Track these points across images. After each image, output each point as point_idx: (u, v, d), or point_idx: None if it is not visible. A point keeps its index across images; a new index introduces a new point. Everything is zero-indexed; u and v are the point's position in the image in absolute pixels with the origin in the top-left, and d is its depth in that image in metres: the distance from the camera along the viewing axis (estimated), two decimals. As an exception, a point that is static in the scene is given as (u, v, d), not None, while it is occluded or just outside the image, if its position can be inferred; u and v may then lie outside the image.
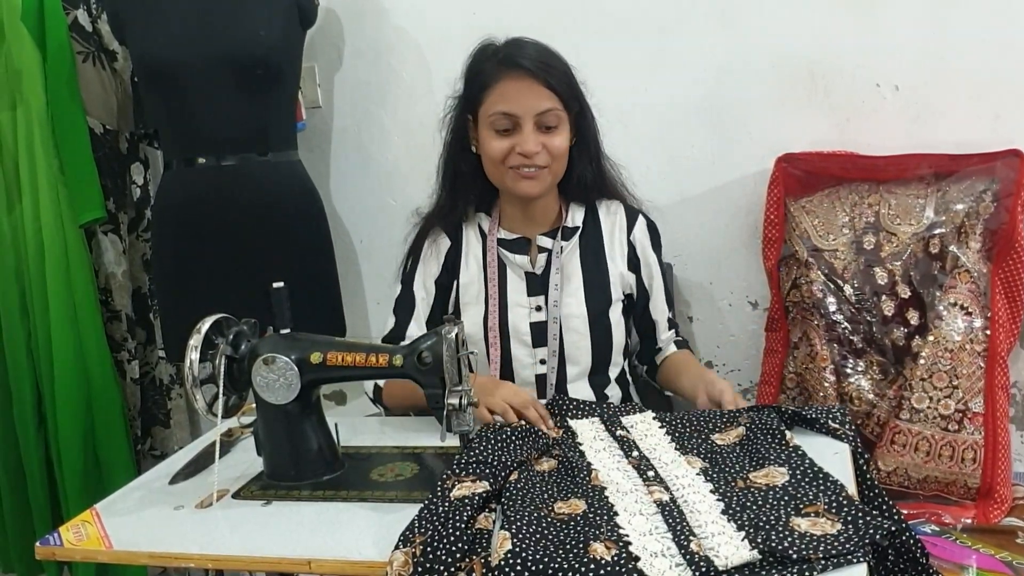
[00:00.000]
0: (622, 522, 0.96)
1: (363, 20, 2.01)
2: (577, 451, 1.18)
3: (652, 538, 0.93)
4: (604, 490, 1.05)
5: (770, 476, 1.05)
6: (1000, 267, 1.62)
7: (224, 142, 1.78)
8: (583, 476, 1.09)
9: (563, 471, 1.12)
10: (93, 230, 2.03)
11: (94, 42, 1.97)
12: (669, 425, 1.25)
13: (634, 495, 1.03)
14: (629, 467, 1.12)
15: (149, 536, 1.08)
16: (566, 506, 1.03)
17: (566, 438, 1.23)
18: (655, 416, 1.29)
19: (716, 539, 0.91)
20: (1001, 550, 1.43)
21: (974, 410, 1.58)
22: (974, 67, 1.65)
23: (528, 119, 1.39)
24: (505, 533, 0.93)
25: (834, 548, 0.86)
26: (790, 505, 0.97)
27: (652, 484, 1.04)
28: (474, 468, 1.09)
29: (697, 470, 1.09)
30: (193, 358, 1.14)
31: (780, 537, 0.89)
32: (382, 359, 1.17)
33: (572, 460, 1.14)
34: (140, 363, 2.14)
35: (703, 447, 1.16)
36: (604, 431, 1.25)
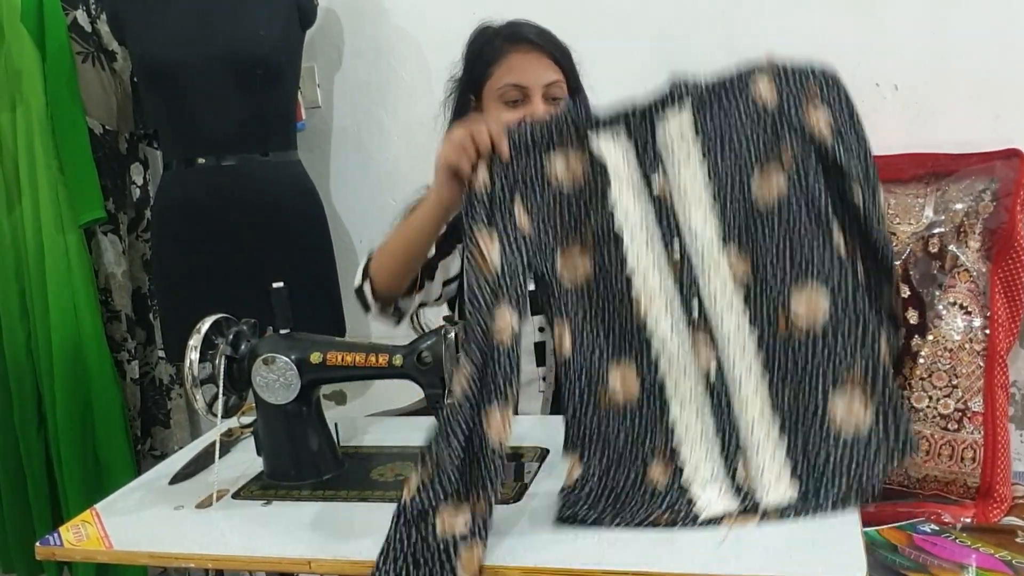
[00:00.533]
0: (673, 422, 1.01)
1: (363, 20, 2.01)
2: (613, 237, 1.06)
3: (702, 454, 1.00)
4: (651, 345, 1.03)
5: (811, 310, 0.99)
6: (999, 266, 1.62)
7: (224, 142, 1.78)
8: (625, 304, 1.04)
9: (601, 286, 1.06)
10: (93, 230, 2.03)
11: (93, 42, 1.97)
12: (710, 151, 1.06)
13: (680, 363, 1.03)
14: (671, 285, 1.04)
15: (149, 536, 1.08)
16: (619, 379, 1.04)
17: (595, 189, 1.07)
18: (693, 122, 1.08)
19: (764, 470, 0.97)
20: (1001, 549, 1.43)
21: (973, 409, 1.58)
22: (974, 67, 1.65)
23: (537, 90, 1.40)
24: (575, 458, 1.02)
25: (863, 460, 0.95)
26: (829, 375, 0.98)
27: (698, 332, 1.02)
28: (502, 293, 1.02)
29: (741, 294, 1.03)
30: (193, 358, 1.14)
31: (817, 445, 0.96)
32: (382, 359, 1.17)
33: (610, 265, 1.05)
34: (140, 363, 2.14)
35: (743, 212, 1.04)
36: (636, 166, 1.08)
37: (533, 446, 1.24)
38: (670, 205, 1.06)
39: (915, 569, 1.40)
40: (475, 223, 1.05)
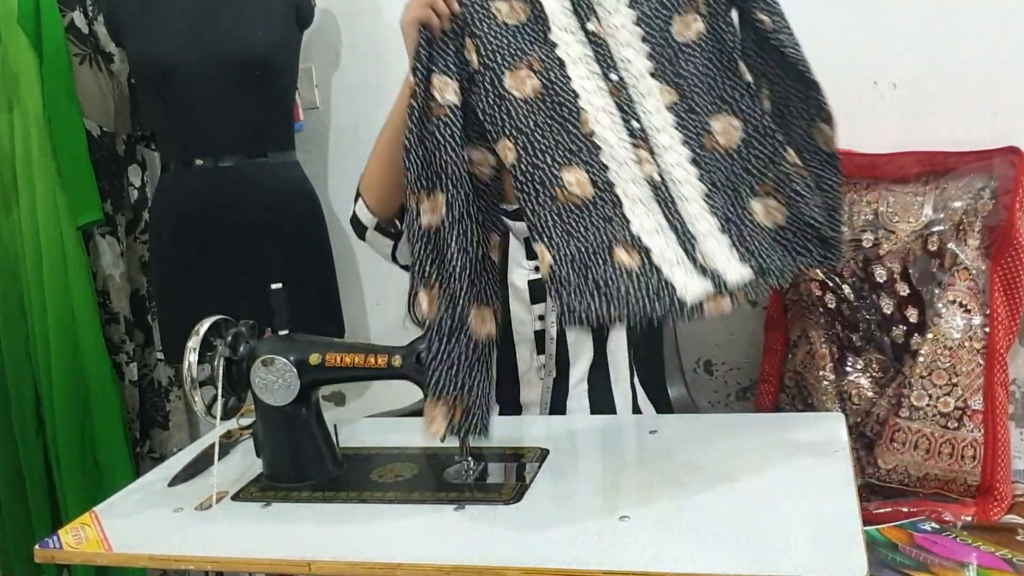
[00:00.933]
0: (629, 214, 1.13)
1: (360, 20, 2.01)
2: (557, 61, 1.20)
3: (663, 242, 1.11)
4: (599, 151, 1.16)
5: (727, 133, 1.20)
6: (999, 264, 1.62)
7: (222, 143, 1.78)
8: (572, 115, 1.17)
9: (549, 100, 1.18)
10: (91, 232, 2.03)
11: (91, 44, 1.97)
12: (636, 1, 1.24)
13: (628, 169, 1.16)
14: (612, 105, 1.19)
15: (148, 538, 1.08)
16: (573, 179, 1.15)
17: (536, 29, 1.22)
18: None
19: (715, 254, 1.11)
20: (1001, 547, 1.44)
21: (973, 407, 1.58)
22: (972, 64, 1.65)
23: None
24: (543, 247, 1.09)
25: (788, 244, 1.15)
26: (746, 183, 1.18)
27: (639, 145, 1.17)
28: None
29: (672, 117, 1.20)
30: (191, 360, 1.14)
31: (751, 237, 1.14)
32: (381, 360, 1.17)
33: (555, 81, 1.19)
34: (139, 365, 2.14)
35: (668, 52, 1.23)
36: (572, 14, 1.23)
37: (533, 446, 1.24)
38: (604, 45, 1.22)
39: (916, 568, 1.40)
40: (435, 70, 1.19)
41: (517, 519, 1.03)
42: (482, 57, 1.21)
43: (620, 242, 1.11)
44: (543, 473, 1.16)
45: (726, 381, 1.94)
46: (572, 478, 1.14)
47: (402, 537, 1.02)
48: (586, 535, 0.97)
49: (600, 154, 1.17)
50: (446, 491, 1.13)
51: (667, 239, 1.12)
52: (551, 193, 1.16)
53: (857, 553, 0.88)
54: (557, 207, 1.15)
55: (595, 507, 1.05)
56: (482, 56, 1.21)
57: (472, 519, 1.05)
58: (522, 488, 1.10)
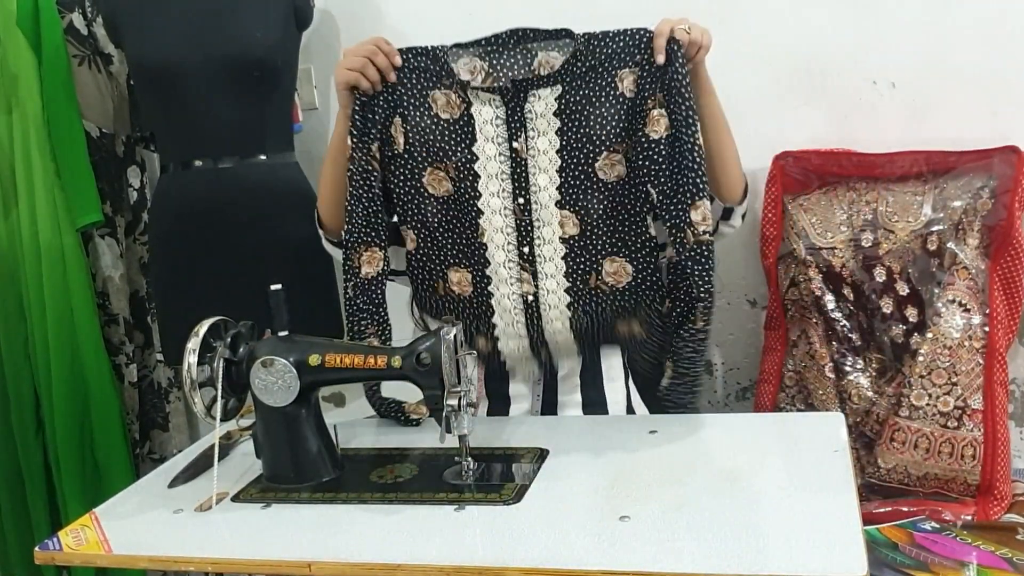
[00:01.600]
0: (496, 320, 1.37)
1: (359, 21, 2.01)
2: (472, 174, 1.33)
3: (515, 347, 1.38)
4: (487, 265, 1.35)
5: (618, 275, 1.36)
6: (998, 264, 1.62)
7: (221, 144, 1.77)
8: (472, 226, 1.35)
9: (456, 205, 1.35)
10: (90, 234, 2.03)
11: (90, 45, 1.97)
12: (565, 129, 1.33)
13: (507, 287, 1.36)
14: (512, 227, 1.34)
15: (148, 540, 1.08)
16: (456, 279, 1.38)
17: (464, 134, 1.33)
18: (557, 102, 1.34)
19: (558, 354, 1.39)
20: (1001, 546, 1.44)
21: (973, 407, 1.58)
22: (971, 64, 1.65)
23: None
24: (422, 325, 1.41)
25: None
26: (619, 317, 1.38)
27: (525, 268, 1.35)
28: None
29: (565, 248, 1.34)
30: (191, 361, 1.14)
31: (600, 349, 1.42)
32: (380, 360, 1.17)
33: (465, 192, 1.34)
34: (138, 366, 2.14)
35: (582, 184, 1.33)
36: (504, 127, 1.33)
37: (532, 447, 1.24)
38: (524, 164, 1.33)
39: (916, 567, 1.40)
40: (371, 136, 1.35)
41: (517, 519, 1.03)
42: (408, 145, 1.34)
43: (480, 334, 1.38)
44: (543, 473, 1.16)
45: (726, 381, 1.94)
46: (571, 478, 1.14)
47: (402, 538, 1.02)
48: (586, 535, 0.97)
49: (487, 267, 1.35)
50: (446, 492, 1.13)
51: (520, 348, 1.38)
52: (434, 285, 1.39)
53: (857, 553, 0.88)
54: (437, 298, 1.40)
55: (595, 507, 1.05)
56: (409, 143, 1.34)
57: (472, 520, 1.05)
58: (522, 488, 1.10)
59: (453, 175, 1.33)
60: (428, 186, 1.33)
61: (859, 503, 1.01)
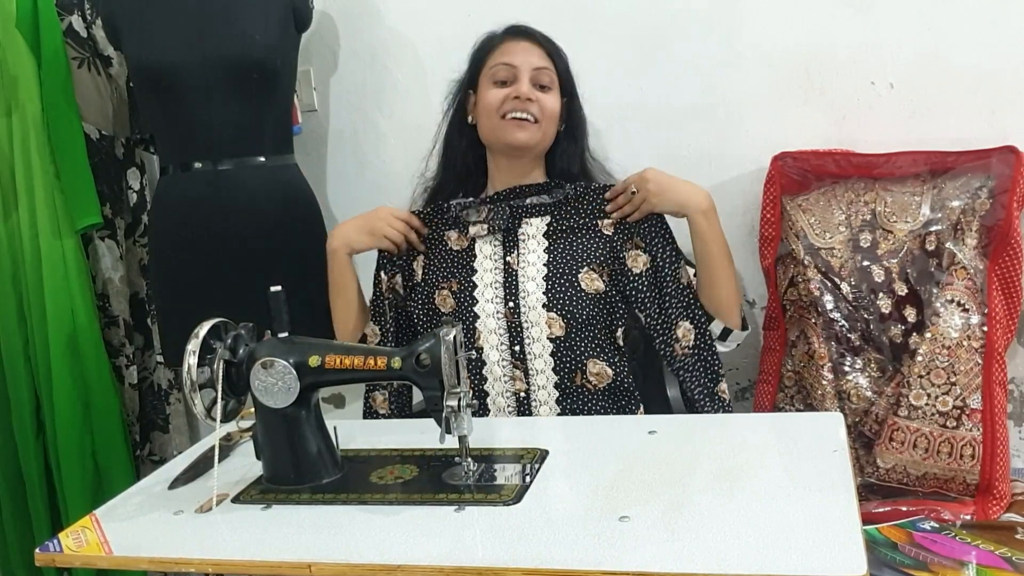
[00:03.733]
0: (490, 415, 1.47)
1: (358, 23, 2.01)
2: (471, 285, 1.51)
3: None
4: (483, 366, 1.48)
5: (600, 376, 1.48)
6: (996, 263, 1.62)
7: (220, 146, 1.78)
8: (469, 335, 1.49)
9: (457, 317, 1.50)
10: (90, 236, 2.03)
11: (89, 48, 1.97)
12: (552, 249, 1.52)
13: (500, 384, 1.48)
14: (504, 327, 1.49)
15: (149, 541, 1.08)
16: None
17: (467, 258, 1.54)
18: (546, 229, 1.53)
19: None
20: (1001, 546, 1.44)
21: (972, 406, 1.58)
22: (969, 64, 1.66)
23: (525, 71, 1.52)
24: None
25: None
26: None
27: (517, 366, 1.48)
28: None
29: (551, 346, 1.47)
30: (191, 363, 1.14)
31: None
32: (380, 362, 1.17)
33: (464, 303, 1.51)
34: (138, 368, 2.14)
35: (568, 293, 1.48)
36: (500, 247, 1.53)
37: (533, 447, 1.24)
38: (515, 275, 1.51)
39: (915, 567, 1.40)
40: (394, 270, 1.61)
41: (517, 520, 1.03)
42: (426, 274, 1.56)
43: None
44: (543, 474, 1.16)
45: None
46: (572, 479, 1.14)
47: (402, 539, 1.02)
48: (586, 535, 0.98)
49: (483, 368, 1.49)
50: (446, 492, 1.13)
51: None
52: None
53: (856, 553, 0.88)
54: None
55: (595, 507, 1.05)
56: (426, 274, 1.56)
57: (472, 520, 1.05)
58: (522, 489, 1.10)
59: (456, 290, 1.52)
60: (439, 305, 1.52)
61: (858, 503, 1.01)
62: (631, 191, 1.50)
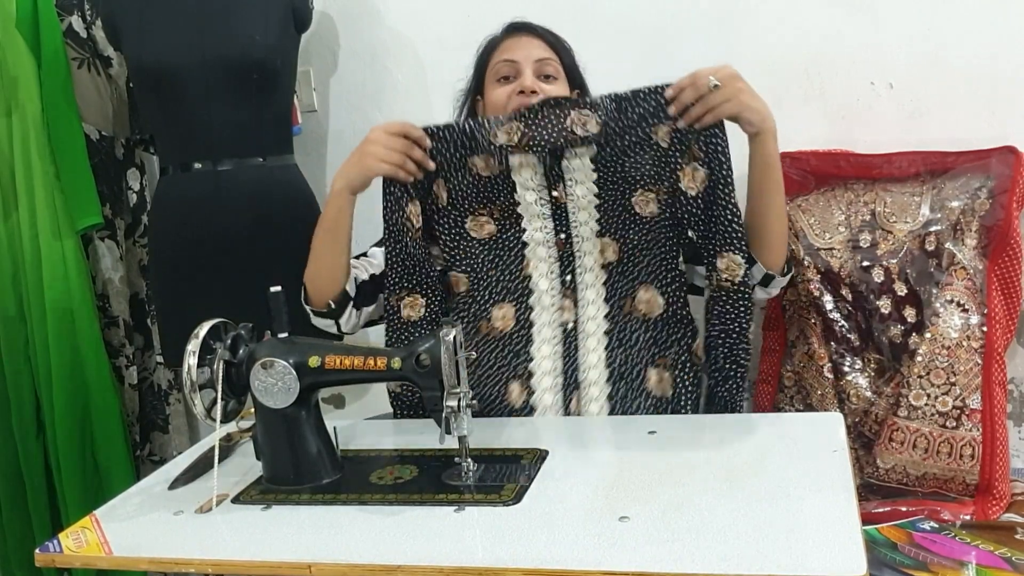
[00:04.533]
0: (534, 352, 1.40)
1: (358, 23, 2.01)
2: (515, 215, 1.42)
3: (548, 387, 1.39)
4: (530, 294, 1.41)
5: (651, 304, 1.41)
6: (996, 263, 1.62)
7: (220, 147, 1.78)
8: (517, 260, 1.42)
9: (501, 243, 1.43)
10: (90, 236, 2.03)
11: (89, 48, 1.97)
12: (602, 178, 1.39)
13: (548, 313, 1.41)
14: (554, 257, 1.41)
15: (149, 541, 1.08)
16: (500, 315, 1.43)
17: (505, 185, 1.41)
18: (592, 159, 1.39)
19: (590, 403, 1.38)
20: (1000, 546, 1.44)
21: (972, 406, 1.58)
22: (968, 64, 1.66)
23: (527, 64, 1.49)
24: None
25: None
26: (651, 352, 1.40)
27: (566, 296, 1.40)
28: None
29: (604, 274, 1.41)
30: (191, 363, 1.14)
31: (630, 398, 1.39)
32: (380, 362, 1.17)
33: (510, 230, 1.43)
34: (138, 369, 2.14)
35: (621, 217, 1.40)
36: (542, 179, 1.41)
37: (532, 448, 1.24)
38: (563, 208, 1.41)
39: (915, 567, 1.40)
40: (408, 197, 1.43)
41: (517, 520, 1.03)
42: (452, 198, 1.43)
43: (516, 377, 1.40)
44: (542, 474, 1.16)
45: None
46: (571, 479, 1.15)
47: (402, 539, 1.02)
48: (586, 535, 0.98)
49: (530, 298, 1.41)
50: (446, 493, 1.13)
51: (553, 384, 1.39)
52: (477, 326, 1.44)
53: (856, 553, 0.88)
54: (478, 339, 1.43)
55: (595, 507, 1.05)
56: (452, 197, 1.43)
57: (472, 521, 1.05)
58: (521, 489, 1.11)
59: (497, 217, 1.43)
60: (471, 231, 1.43)
61: (858, 503, 1.01)
62: (711, 85, 1.30)
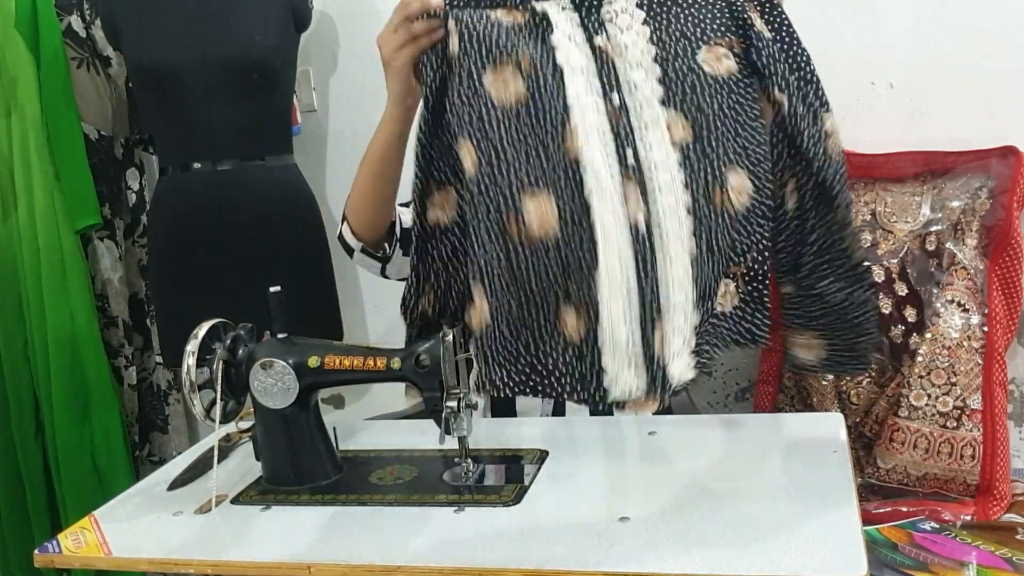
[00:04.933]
0: (597, 268, 0.94)
1: (357, 23, 2.01)
2: (552, 66, 1.01)
3: (621, 313, 0.95)
4: (583, 178, 0.96)
5: (740, 188, 1.03)
6: (996, 263, 1.62)
7: (220, 147, 1.78)
8: (557, 132, 0.98)
9: (533, 109, 0.99)
10: (89, 236, 2.03)
11: (88, 48, 1.97)
12: (653, 20, 1.06)
13: (611, 204, 0.96)
14: (607, 128, 1.00)
15: (148, 542, 1.08)
16: (534, 210, 0.97)
17: (535, 31, 1.04)
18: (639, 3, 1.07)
19: (671, 339, 0.97)
20: (1001, 546, 1.44)
21: (972, 407, 1.58)
22: (968, 64, 1.66)
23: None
24: (481, 292, 0.99)
25: (724, 333, 1.05)
26: (727, 258, 1.03)
27: (630, 179, 0.98)
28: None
29: (677, 154, 1.01)
30: (190, 363, 1.14)
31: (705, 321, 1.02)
32: (380, 362, 1.17)
33: (546, 89, 1.00)
34: (137, 369, 2.14)
35: (687, 81, 1.04)
36: (579, 25, 1.05)
37: (533, 448, 1.24)
38: (611, 61, 1.03)
39: (916, 567, 1.40)
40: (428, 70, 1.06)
41: (517, 521, 1.03)
42: (464, 43, 1.02)
43: (572, 302, 0.97)
44: (542, 475, 1.16)
45: (725, 382, 1.94)
46: (572, 479, 1.14)
47: (402, 539, 1.02)
48: (586, 536, 0.97)
49: (584, 185, 0.97)
50: (446, 493, 1.13)
51: (628, 309, 0.96)
52: (503, 226, 0.99)
53: (857, 553, 0.88)
54: (508, 243, 0.99)
55: (595, 508, 1.05)
56: (464, 42, 1.03)
57: (472, 521, 1.05)
58: (521, 490, 1.10)
59: (527, 68, 1.01)
60: (491, 89, 1.00)
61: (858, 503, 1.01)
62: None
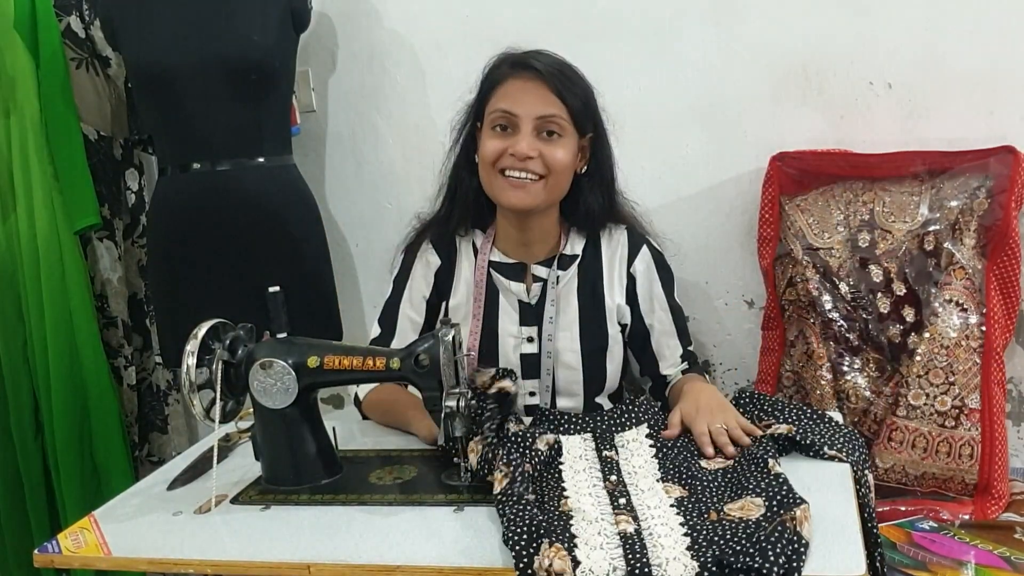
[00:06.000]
0: (581, 556, 0.94)
1: (357, 23, 2.01)
2: (556, 470, 1.18)
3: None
4: (570, 519, 1.03)
5: (746, 508, 1.02)
6: (995, 263, 1.62)
7: (219, 147, 1.78)
8: (552, 502, 1.08)
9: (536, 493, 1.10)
10: (88, 236, 2.03)
11: (87, 48, 1.97)
12: (660, 444, 1.24)
13: (598, 525, 1.01)
14: (603, 492, 1.10)
15: (148, 542, 1.08)
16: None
17: (551, 455, 1.21)
18: (649, 432, 1.27)
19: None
20: (999, 545, 1.44)
21: (971, 406, 1.58)
22: (967, 64, 1.66)
23: (527, 121, 1.34)
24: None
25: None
26: (755, 536, 0.94)
27: (621, 512, 1.03)
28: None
29: (672, 500, 1.07)
30: (190, 363, 1.14)
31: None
32: (379, 362, 1.17)
33: (547, 483, 1.13)
34: (137, 369, 2.14)
35: (686, 471, 1.15)
36: (592, 449, 1.24)
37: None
38: (617, 470, 1.17)
39: (915, 566, 1.40)
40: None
41: (516, 520, 1.03)
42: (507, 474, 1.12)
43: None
44: (542, 474, 1.16)
45: (724, 381, 1.94)
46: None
47: (401, 539, 1.02)
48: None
49: (570, 521, 1.03)
50: (445, 493, 1.13)
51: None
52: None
53: (856, 553, 0.88)
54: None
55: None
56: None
57: (471, 521, 1.05)
58: (521, 489, 1.10)
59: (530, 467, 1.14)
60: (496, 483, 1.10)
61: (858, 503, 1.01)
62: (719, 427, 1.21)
